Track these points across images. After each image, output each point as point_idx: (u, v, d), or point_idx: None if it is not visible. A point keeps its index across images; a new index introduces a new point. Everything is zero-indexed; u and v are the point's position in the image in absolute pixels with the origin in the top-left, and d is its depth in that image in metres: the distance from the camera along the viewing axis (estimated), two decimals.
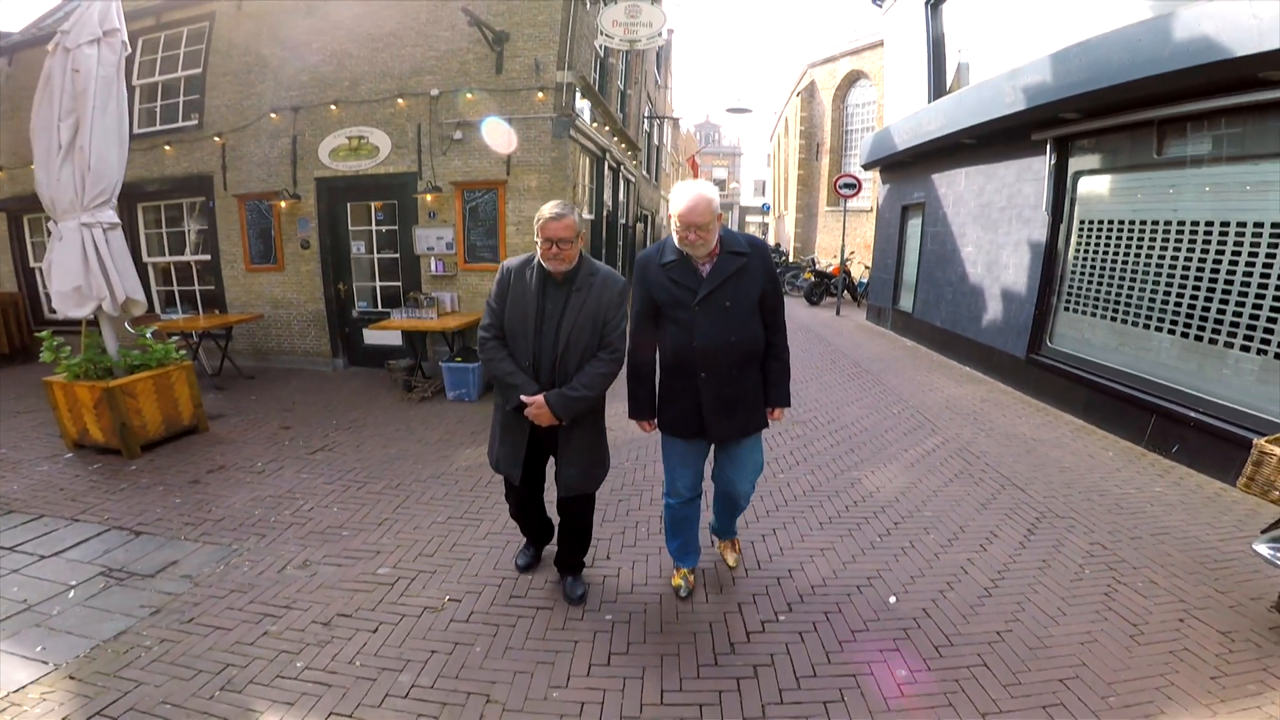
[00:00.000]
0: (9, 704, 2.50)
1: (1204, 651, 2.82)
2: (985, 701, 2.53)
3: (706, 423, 2.90)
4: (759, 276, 2.86)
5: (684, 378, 2.89)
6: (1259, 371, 4.80)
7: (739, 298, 2.82)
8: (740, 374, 2.89)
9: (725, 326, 2.80)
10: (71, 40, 4.82)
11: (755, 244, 2.92)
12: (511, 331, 2.86)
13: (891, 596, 3.28)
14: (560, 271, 2.81)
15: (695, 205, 2.65)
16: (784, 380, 3.04)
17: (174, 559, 3.66)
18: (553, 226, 2.70)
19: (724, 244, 2.83)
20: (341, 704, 2.50)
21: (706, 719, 2.46)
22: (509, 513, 3.44)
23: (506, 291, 2.87)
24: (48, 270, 5.13)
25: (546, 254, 2.76)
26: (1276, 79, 4.54)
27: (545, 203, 2.87)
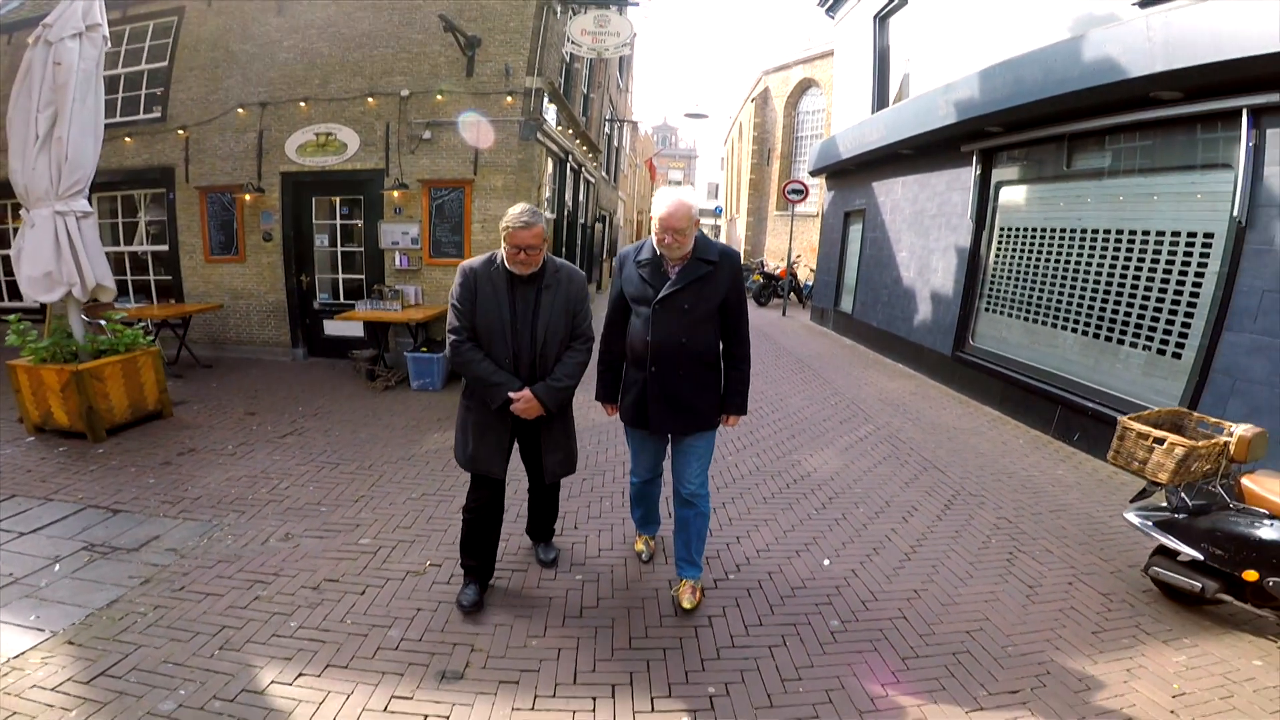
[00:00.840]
0: (11, 668, 2.58)
1: (1088, 610, 3.24)
2: (904, 648, 2.91)
3: (650, 413, 3.00)
4: (723, 286, 2.93)
5: (638, 369, 3.00)
6: (1144, 365, 5.39)
7: (698, 303, 2.89)
8: (687, 374, 2.95)
9: (679, 328, 2.89)
10: (54, 34, 4.83)
11: (726, 254, 2.96)
12: (486, 332, 2.87)
13: (825, 559, 3.66)
14: (525, 273, 2.86)
15: (675, 210, 2.75)
16: (742, 389, 3.09)
17: (155, 534, 3.76)
18: (522, 235, 2.73)
19: (696, 250, 2.89)
20: (337, 657, 2.71)
21: (669, 660, 2.77)
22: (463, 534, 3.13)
23: (474, 294, 2.87)
24: (16, 256, 5.10)
25: (513, 259, 2.80)
26: (1165, 98, 5.06)
27: (511, 203, 3.01)
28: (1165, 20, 4.76)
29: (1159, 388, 5.19)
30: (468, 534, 3.10)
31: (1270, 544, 2.74)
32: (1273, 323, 4.27)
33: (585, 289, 3.05)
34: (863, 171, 11.47)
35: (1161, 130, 5.32)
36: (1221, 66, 4.37)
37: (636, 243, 3.10)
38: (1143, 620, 3.16)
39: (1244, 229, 4.50)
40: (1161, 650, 2.90)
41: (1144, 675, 2.73)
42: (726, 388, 3.10)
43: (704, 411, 3.03)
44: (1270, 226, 4.35)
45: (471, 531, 3.09)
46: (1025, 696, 2.58)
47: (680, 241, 2.82)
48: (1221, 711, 2.52)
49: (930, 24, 9.51)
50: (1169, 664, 2.81)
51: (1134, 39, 5.02)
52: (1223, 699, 2.59)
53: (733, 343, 3.06)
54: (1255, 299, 4.40)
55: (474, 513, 3.08)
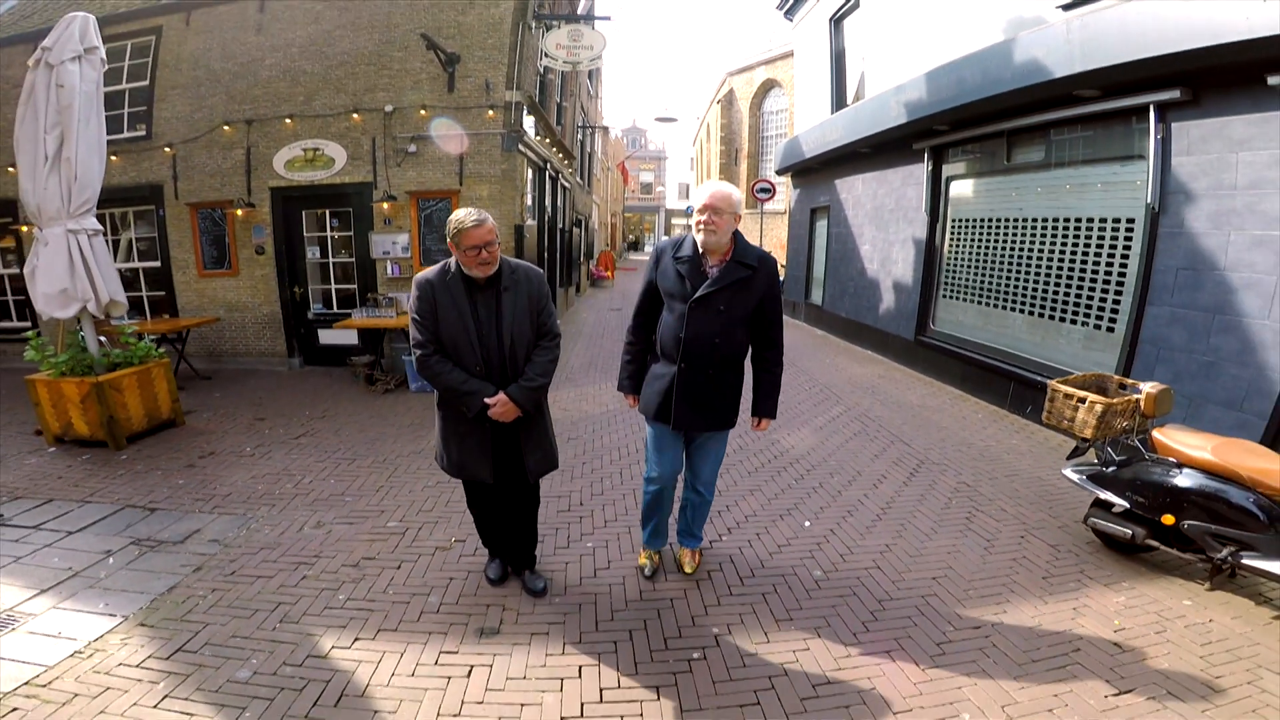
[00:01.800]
0: (94, 650, 2.82)
1: (1038, 559, 3.66)
2: (880, 593, 3.33)
3: (674, 410, 2.98)
4: (759, 290, 2.92)
5: (667, 364, 3.00)
6: (1084, 340, 5.92)
7: (734, 305, 2.88)
8: (716, 375, 2.96)
9: (714, 328, 2.88)
10: (55, 56, 5.01)
11: (765, 259, 2.95)
12: (452, 342, 2.83)
13: (806, 521, 4.09)
14: (486, 275, 2.81)
15: (716, 192, 2.82)
16: (774, 394, 3.09)
17: (196, 528, 4.04)
18: (477, 233, 2.69)
19: (736, 252, 2.90)
20: (386, 622, 3.05)
21: (676, 608, 3.16)
22: (476, 525, 3.39)
23: (434, 306, 2.81)
24: (31, 274, 5.29)
25: (473, 260, 2.73)
26: (1086, 96, 5.55)
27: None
28: (1083, 23, 5.25)
29: (1098, 360, 5.71)
30: (480, 525, 3.34)
31: (1180, 489, 3.20)
32: (1187, 296, 4.79)
33: (545, 286, 3.01)
34: (826, 169, 11.90)
35: (1086, 125, 5.83)
36: (1129, 66, 4.87)
37: (675, 236, 3.09)
38: (1086, 567, 3.56)
39: (1157, 214, 5.02)
40: (1103, 592, 3.30)
41: (1089, 614, 3.11)
42: (759, 390, 3.11)
43: (723, 412, 3.05)
44: (1179, 211, 4.86)
45: (483, 523, 3.32)
46: (987, 631, 2.99)
47: (717, 224, 2.80)
48: (1156, 644, 2.86)
49: (881, 26, 9.92)
50: (1110, 604, 3.19)
51: (1056, 41, 5.52)
52: (1158, 634, 2.93)
53: (767, 347, 3.06)
54: (1171, 276, 4.92)
55: (479, 508, 3.25)
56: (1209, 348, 4.60)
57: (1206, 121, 4.72)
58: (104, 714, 2.44)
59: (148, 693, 2.56)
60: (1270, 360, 4.18)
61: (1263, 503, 2.98)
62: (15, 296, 9.92)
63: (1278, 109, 4.23)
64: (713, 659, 2.80)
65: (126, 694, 2.55)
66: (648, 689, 2.61)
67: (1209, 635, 2.92)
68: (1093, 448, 3.69)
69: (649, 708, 2.51)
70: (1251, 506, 2.98)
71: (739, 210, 2.89)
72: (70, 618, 3.08)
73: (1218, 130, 4.64)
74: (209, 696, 2.55)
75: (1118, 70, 5.00)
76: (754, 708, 2.51)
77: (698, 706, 2.52)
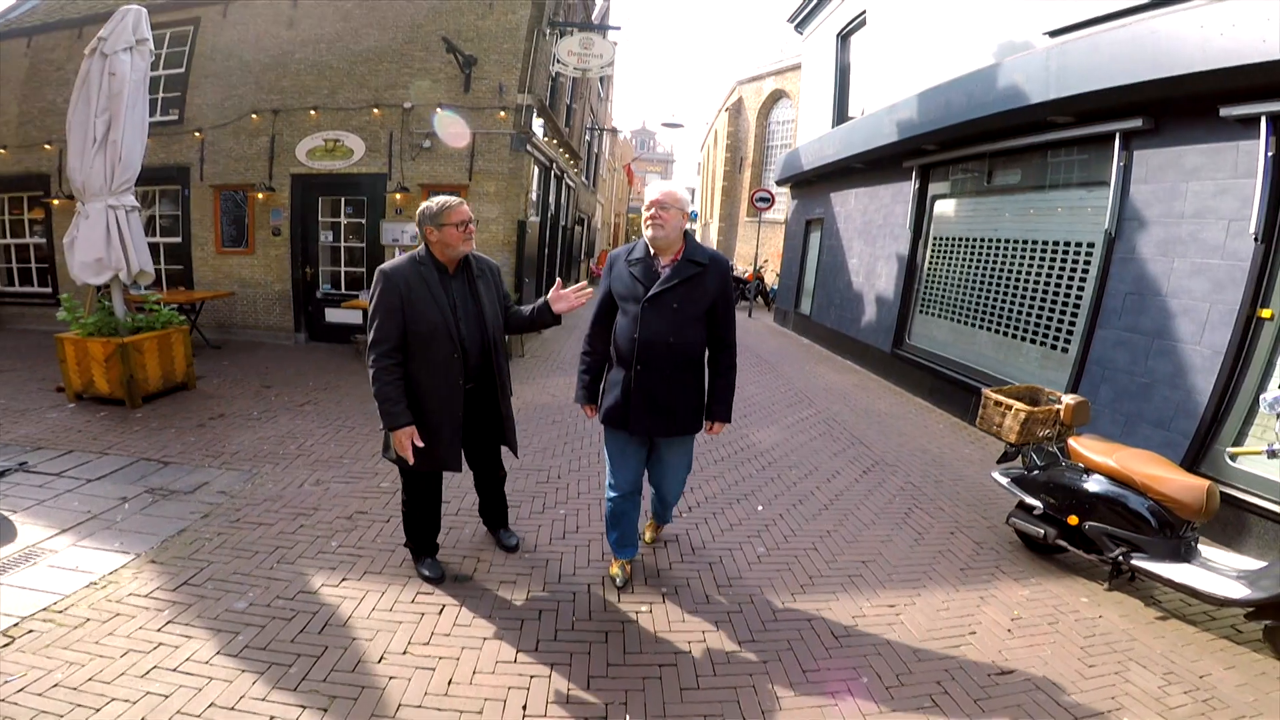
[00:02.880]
0: (109, 582, 3.13)
1: (960, 553, 3.95)
2: (813, 570, 3.65)
3: (630, 414, 2.95)
4: (712, 288, 2.92)
5: (622, 368, 2.96)
6: (1040, 359, 6.23)
7: (686, 303, 2.88)
8: (672, 374, 2.92)
9: (668, 327, 2.87)
10: (109, 46, 5.40)
11: (716, 258, 2.96)
12: (426, 333, 2.82)
13: (760, 506, 4.43)
14: (458, 258, 2.88)
15: (665, 189, 2.88)
16: (727, 397, 3.09)
17: (205, 481, 4.39)
18: (463, 210, 2.81)
19: (687, 251, 2.91)
20: (372, 566, 3.39)
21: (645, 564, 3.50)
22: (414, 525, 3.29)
23: (403, 299, 2.79)
24: (70, 244, 5.67)
25: (460, 237, 2.82)
26: (1060, 122, 5.80)
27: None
28: (1061, 50, 5.51)
29: (1050, 378, 6.01)
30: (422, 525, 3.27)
31: (1085, 492, 3.52)
32: (1132, 320, 5.08)
33: (500, 271, 3.18)
34: (822, 183, 12.15)
35: (1061, 151, 6.11)
36: (1098, 94, 5.11)
37: (627, 244, 3.10)
38: (1002, 563, 3.85)
39: (1114, 239, 5.30)
40: (1011, 586, 3.59)
41: (993, 602, 3.40)
42: (712, 394, 3.09)
43: (682, 415, 3.00)
44: (1133, 237, 5.14)
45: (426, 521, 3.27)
46: (899, 610, 3.30)
47: (664, 219, 2.82)
48: (1045, 633, 3.12)
49: (885, 45, 10.14)
50: (1014, 596, 3.47)
51: (1035, 68, 5.77)
52: (1050, 624, 3.19)
53: (719, 348, 3.06)
54: (1120, 300, 5.21)
55: (426, 502, 3.22)
56: (1147, 370, 4.90)
57: (1165, 150, 4.93)
58: (111, 635, 2.73)
59: (153, 618, 2.87)
60: (1198, 384, 4.48)
61: (1156, 509, 3.29)
62: (38, 264, 10.33)
63: (1227, 140, 4.40)
64: (657, 613, 3.13)
65: (133, 619, 2.86)
66: (595, 634, 2.96)
67: (1094, 629, 3.18)
68: (1020, 454, 4.02)
69: (595, 649, 2.85)
70: (1145, 512, 3.30)
71: (687, 209, 2.91)
72: (87, 554, 3.38)
73: (1174, 159, 4.85)
74: (208, 623, 2.87)
75: (1088, 98, 5.22)
76: (685, 656, 2.85)
77: (639, 650, 2.86)
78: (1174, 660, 2.94)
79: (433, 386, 2.91)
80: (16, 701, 2.30)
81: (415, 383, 2.89)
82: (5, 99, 9.89)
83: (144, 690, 2.41)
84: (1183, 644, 3.07)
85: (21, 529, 3.59)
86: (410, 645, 2.79)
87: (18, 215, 10.24)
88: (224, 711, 2.34)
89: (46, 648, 2.62)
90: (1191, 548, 3.31)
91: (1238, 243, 4.21)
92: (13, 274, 10.52)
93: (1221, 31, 4.00)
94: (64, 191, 9.40)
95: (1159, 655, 2.98)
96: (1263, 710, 2.62)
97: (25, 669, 2.48)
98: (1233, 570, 3.16)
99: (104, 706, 2.31)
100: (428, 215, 2.84)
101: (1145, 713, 2.59)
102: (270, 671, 2.57)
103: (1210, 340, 4.37)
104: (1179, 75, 4.38)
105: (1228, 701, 2.67)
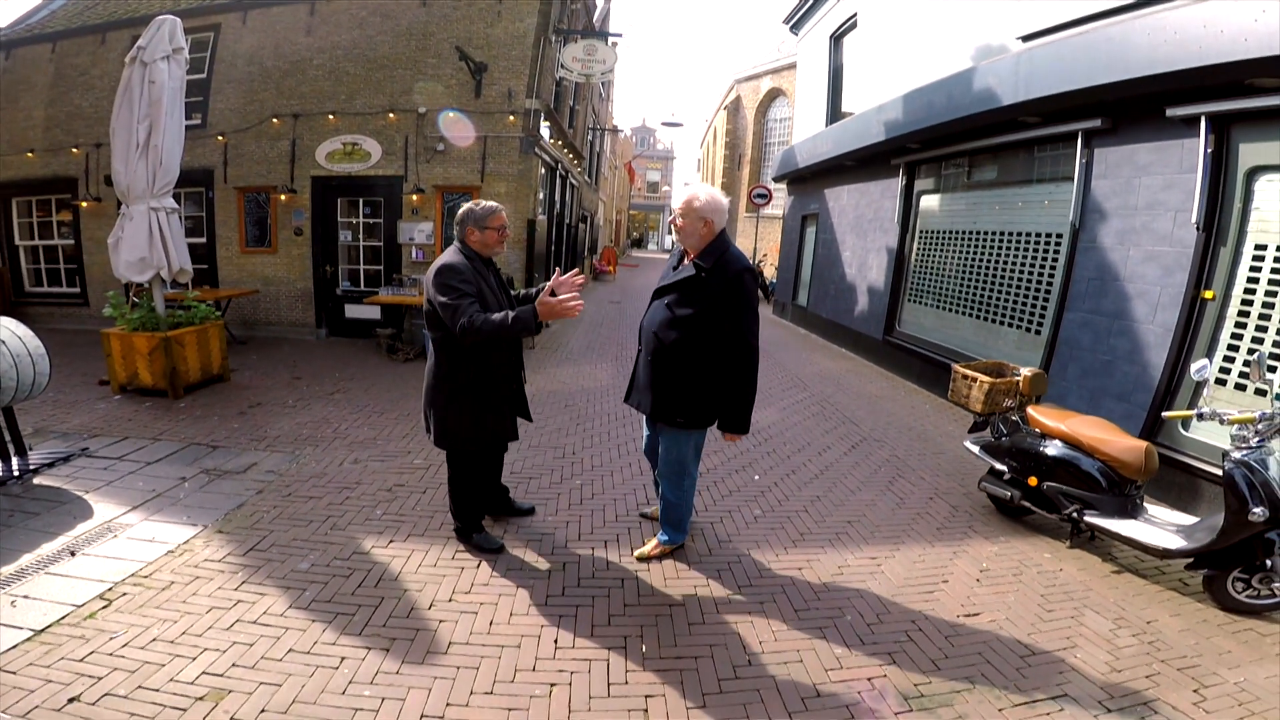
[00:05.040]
0: (184, 550, 3.47)
1: (937, 515, 4.34)
2: (802, 528, 4.06)
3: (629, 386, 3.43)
4: (711, 295, 2.99)
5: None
6: (1017, 341, 6.63)
7: (680, 303, 3.03)
8: (649, 360, 3.20)
9: (657, 318, 3.14)
10: (148, 55, 5.74)
11: (721, 266, 2.99)
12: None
13: (755, 475, 4.84)
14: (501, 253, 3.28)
15: (683, 198, 3.07)
16: (735, 405, 3.11)
17: (254, 462, 4.78)
18: (502, 216, 3.19)
19: (701, 254, 3.03)
20: (414, 530, 3.79)
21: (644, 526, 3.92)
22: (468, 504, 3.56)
23: (475, 282, 3.09)
24: (115, 245, 6.04)
25: (498, 241, 3.21)
26: (1030, 122, 6.18)
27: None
28: (1029, 55, 5.91)
29: (1026, 359, 6.37)
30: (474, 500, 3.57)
31: (1043, 456, 3.91)
32: (1094, 303, 5.47)
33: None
34: (817, 179, 12.49)
35: (1030, 149, 6.51)
36: (1060, 96, 5.50)
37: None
38: (974, 524, 4.22)
39: (1078, 230, 5.69)
40: (981, 544, 3.96)
41: (963, 557, 3.77)
42: (722, 402, 3.16)
43: (652, 400, 3.21)
44: (1094, 228, 5.53)
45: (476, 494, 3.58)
46: (880, 562, 3.69)
47: (680, 226, 3.05)
48: (1009, 582, 3.48)
49: (874, 47, 10.51)
50: (983, 552, 3.82)
51: (1006, 72, 6.17)
52: (1014, 576, 3.55)
53: (726, 356, 3.07)
54: (1084, 285, 5.60)
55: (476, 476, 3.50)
56: (1108, 348, 5.29)
57: (1120, 148, 5.32)
58: (196, 595, 3.10)
59: (229, 580, 3.24)
60: (1152, 359, 4.87)
61: (1104, 469, 3.69)
62: (67, 265, 10.69)
63: (1173, 138, 4.78)
64: (665, 567, 3.55)
65: (212, 580, 3.22)
66: (613, 581, 3.37)
67: (1054, 581, 3.54)
68: (989, 424, 4.42)
69: (614, 594, 3.26)
70: (1095, 472, 3.70)
71: (707, 216, 3.00)
72: (160, 527, 3.73)
73: (1128, 156, 5.24)
74: (277, 581, 3.24)
75: (1053, 100, 5.61)
76: (691, 599, 3.26)
77: (651, 594, 3.27)
78: (1125, 608, 3.30)
79: (498, 364, 3.27)
80: (123, 655, 2.64)
81: (488, 363, 3.21)
82: (32, 104, 10.21)
83: (231, 640, 2.76)
84: (1134, 594, 3.44)
85: (96, 507, 3.96)
86: (454, 594, 3.18)
87: (45, 217, 10.61)
88: (302, 655, 2.70)
89: (140, 608, 2.97)
90: (1138, 505, 3.70)
91: (1183, 231, 4.61)
92: (41, 274, 10.89)
93: (1165, 39, 4.39)
94: (92, 194, 9.79)
95: (1112, 604, 3.34)
96: (1202, 652, 2.96)
97: (126, 626, 2.83)
98: (1173, 525, 3.56)
99: (198, 655, 2.65)
100: (473, 217, 3.19)
101: (1096, 651, 2.95)
102: (337, 620, 2.93)
103: (1161, 319, 4.77)
104: (1130, 79, 4.76)
105: (1171, 644, 3.02)
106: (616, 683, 2.63)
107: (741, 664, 2.77)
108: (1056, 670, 2.81)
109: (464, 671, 2.65)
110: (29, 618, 2.87)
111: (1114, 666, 2.85)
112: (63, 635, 2.75)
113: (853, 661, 2.82)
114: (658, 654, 2.81)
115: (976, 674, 2.77)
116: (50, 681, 2.46)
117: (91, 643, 2.71)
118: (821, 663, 2.80)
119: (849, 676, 2.72)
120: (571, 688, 2.58)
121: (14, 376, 4.20)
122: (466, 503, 3.57)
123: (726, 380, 3.10)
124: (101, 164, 9.29)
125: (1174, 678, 2.78)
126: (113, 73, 8.61)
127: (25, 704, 2.34)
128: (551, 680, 2.62)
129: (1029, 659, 2.88)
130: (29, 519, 3.76)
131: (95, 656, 2.62)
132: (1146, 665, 2.86)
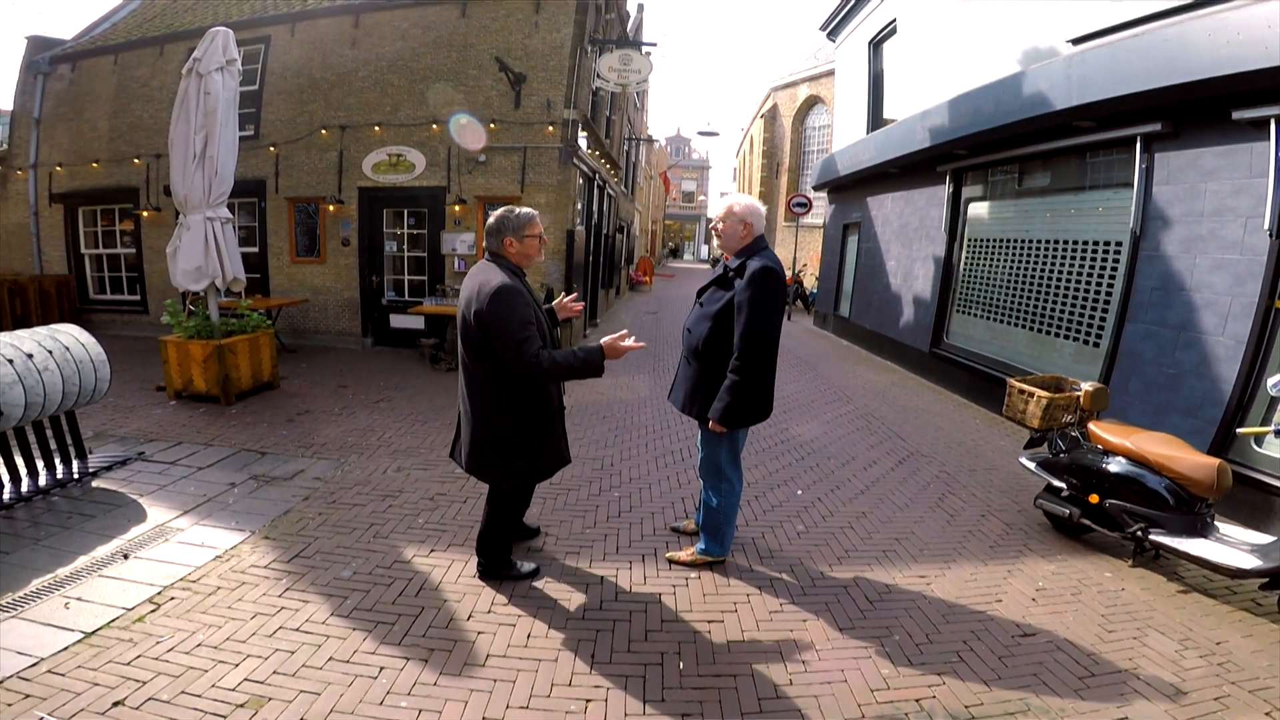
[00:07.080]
0: (232, 555, 3.55)
1: (990, 533, 4.21)
2: (849, 545, 3.96)
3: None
4: (732, 293, 3.12)
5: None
6: (1074, 353, 6.39)
7: (709, 300, 3.24)
8: (686, 359, 3.39)
9: (693, 317, 3.34)
10: (203, 67, 5.96)
11: (746, 265, 3.11)
12: (540, 336, 2.87)
13: (799, 490, 4.76)
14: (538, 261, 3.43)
15: (724, 205, 3.26)
16: (724, 396, 3.13)
17: (301, 469, 4.89)
18: (539, 223, 3.04)
19: (734, 256, 3.21)
20: (455, 539, 3.82)
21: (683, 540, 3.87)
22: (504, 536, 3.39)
23: (533, 308, 2.90)
24: (173, 254, 6.27)
25: (538, 249, 3.06)
26: (1084, 127, 6.00)
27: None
28: (1081, 58, 5.74)
29: (1084, 372, 6.16)
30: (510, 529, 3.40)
31: (1105, 473, 3.75)
32: (1158, 314, 5.25)
33: None
34: (858, 187, 12.32)
35: (1083, 154, 6.30)
36: (1118, 100, 5.33)
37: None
38: (1030, 542, 4.08)
39: (1139, 238, 5.48)
40: (1037, 561, 3.83)
41: (1019, 575, 3.65)
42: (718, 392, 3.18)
43: (684, 395, 3.39)
44: (1156, 236, 5.32)
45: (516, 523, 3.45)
46: (930, 580, 3.59)
47: (718, 230, 3.26)
48: (1068, 602, 3.34)
49: (915, 52, 10.34)
50: (1040, 570, 3.70)
51: (1057, 76, 6.00)
52: (1073, 595, 3.41)
53: (732, 350, 3.13)
54: (1146, 295, 5.38)
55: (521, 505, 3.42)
56: (1174, 361, 5.06)
57: (1184, 153, 5.12)
58: (241, 601, 3.16)
59: (274, 586, 3.30)
60: (1222, 373, 4.64)
61: (1173, 488, 3.51)
62: (128, 273, 11.16)
63: (1241, 142, 4.59)
64: (705, 580, 3.50)
65: (257, 587, 3.29)
66: (650, 596, 3.33)
67: (1116, 600, 3.40)
68: (1045, 440, 4.25)
69: (651, 609, 3.22)
70: (1161, 490, 3.53)
71: (746, 219, 3.18)
72: (209, 532, 3.83)
73: (1192, 161, 5.04)
74: (320, 589, 3.29)
75: (1108, 104, 5.45)
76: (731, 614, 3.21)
77: (690, 609, 3.22)
78: (1192, 629, 3.15)
79: (552, 387, 3.15)
80: (169, 660, 2.70)
81: (546, 387, 3.06)
82: (97, 115, 10.71)
83: (273, 648, 2.80)
84: (1202, 614, 3.28)
85: (150, 510, 4.09)
86: (493, 606, 3.19)
87: (109, 226, 11.12)
88: (341, 664, 2.72)
89: (187, 612, 3.04)
90: (1208, 524, 3.52)
91: (1254, 238, 4.39)
92: (104, 282, 11.41)
93: (1228, 39, 4.21)
94: (152, 204, 10.22)
95: (1178, 624, 3.19)
96: (1277, 674, 2.81)
97: (173, 631, 2.89)
98: (1246, 544, 3.37)
99: (241, 662, 2.70)
100: (511, 226, 2.96)
101: (1161, 672, 2.82)
102: (377, 629, 2.96)
103: (1232, 331, 4.54)
104: (1192, 81, 4.59)
105: (1242, 665, 2.87)
106: (653, 700, 2.59)
107: (783, 683, 2.70)
108: (1117, 692, 2.69)
109: (500, 685, 2.64)
110: (81, 620, 2.96)
111: (1180, 689, 2.72)
112: (111, 638, 2.83)
113: (900, 682, 2.73)
114: (696, 672, 2.76)
115: (1032, 695, 2.66)
116: (97, 685, 2.53)
117: (139, 646, 2.78)
118: (868, 683, 2.72)
119: (896, 697, 2.63)
120: (608, 704, 2.55)
121: (76, 382, 4.38)
122: (501, 537, 3.37)
123: (727, 373, 3.13)
124: (161, 174, 9.67)
125: (1245, 699, 2.65)
126: (171, 84, 8.99)
127: (71, 707, 2.39)
128: (587, 696, 2.60)
129: (1088, 680, 2.77)
130: (86, 521, 3.90)
131: (141, 660, 2.69)
132: (1215, 687, 2.73)
